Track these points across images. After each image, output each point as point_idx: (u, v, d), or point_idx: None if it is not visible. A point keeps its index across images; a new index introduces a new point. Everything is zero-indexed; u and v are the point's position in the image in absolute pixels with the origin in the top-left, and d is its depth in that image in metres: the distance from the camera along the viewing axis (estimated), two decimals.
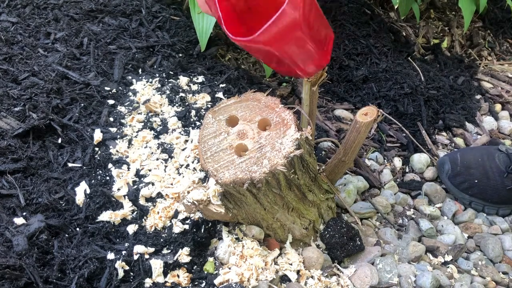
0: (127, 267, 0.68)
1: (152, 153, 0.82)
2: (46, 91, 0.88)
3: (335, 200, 0.84)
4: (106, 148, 0.82)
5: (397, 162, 1.01)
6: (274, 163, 0.61)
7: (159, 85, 0.95)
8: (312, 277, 0.72)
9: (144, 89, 0.93)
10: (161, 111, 0.89)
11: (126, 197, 0.75)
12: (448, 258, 0.82)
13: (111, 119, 0.87)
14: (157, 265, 0.68)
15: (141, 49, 1.03)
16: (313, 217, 0.75)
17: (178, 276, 0.68)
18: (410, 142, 1.04)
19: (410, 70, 1.21)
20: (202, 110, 0.90)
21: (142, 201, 0.75)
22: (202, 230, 0.72)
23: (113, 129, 0.85)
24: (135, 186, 0.76)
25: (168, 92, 0.93)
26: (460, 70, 1.30)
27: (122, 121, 0.87)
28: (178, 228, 0.71)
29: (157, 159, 0.80)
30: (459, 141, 1.09)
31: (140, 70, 0.99)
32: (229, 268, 0.69)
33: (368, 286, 0.72)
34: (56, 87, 0.89)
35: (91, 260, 0.67)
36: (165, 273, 0.68)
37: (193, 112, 0.89)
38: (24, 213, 0.71)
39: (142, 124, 0.87)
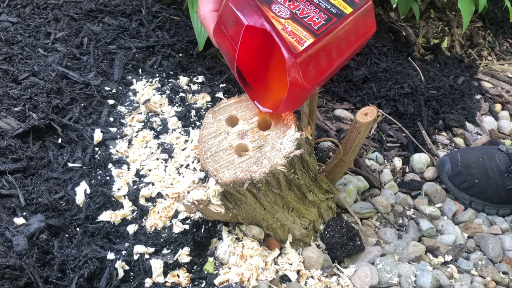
0: (127, 267, 0.68)
1: (152, 153, 0.82)
2: (46, 91, 0.88)
3: (335, 200, 0.84)
4: (106, 148, 0.82)
5: (397, 162, 1.01)
6: (274, 163, 0.61)
7: (159, 85, 0.94)
8: (312, 277, 0.72)
9: (144, 89, 0.93)
10: (161, 111, 0.89)
11: (126, 197, 0.75)
12: (448, 258, 0.82)
13: (111, 119, 0.87)
14: (157, 265, 0.68)
15: (141, 49, 1.03)
16: (313, 217, 0.75)
17: (178, 276, 0.68)
18: (410, 142, 1.04)
19: (410, 70, 1.21)
20: (202, 110, 0.90)
21: (142, 201, 0.75)
22: (202, 230, 0.72)
23: (113, 129, 0.85)
24: (135, 186, 0.76)
25: (168, 92, 0.93)
26: (460, 70, 1.30)
27: (122, 121, 0.87)
28: (178, 228, 0.71)
29: (157, 159, 0.80)
30: (459, 141, 1.09)
31: (140, 70, 0.99)
32: (229, 268, 0.69)
33: (368, 286, 0.72)
34: (56, 87, 0.89)
35: (91, 260, 0.67)
36: (165, 273, 0.68)
37: (193, 112, 0.89)
38: (24, 213, 0.71)
39: (142, 124, 0.87)
